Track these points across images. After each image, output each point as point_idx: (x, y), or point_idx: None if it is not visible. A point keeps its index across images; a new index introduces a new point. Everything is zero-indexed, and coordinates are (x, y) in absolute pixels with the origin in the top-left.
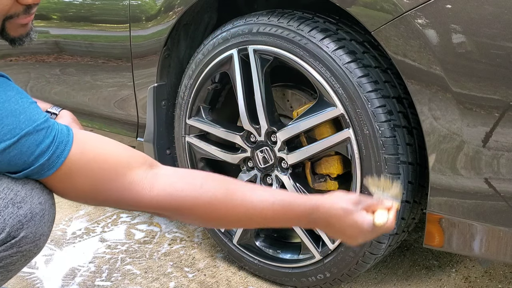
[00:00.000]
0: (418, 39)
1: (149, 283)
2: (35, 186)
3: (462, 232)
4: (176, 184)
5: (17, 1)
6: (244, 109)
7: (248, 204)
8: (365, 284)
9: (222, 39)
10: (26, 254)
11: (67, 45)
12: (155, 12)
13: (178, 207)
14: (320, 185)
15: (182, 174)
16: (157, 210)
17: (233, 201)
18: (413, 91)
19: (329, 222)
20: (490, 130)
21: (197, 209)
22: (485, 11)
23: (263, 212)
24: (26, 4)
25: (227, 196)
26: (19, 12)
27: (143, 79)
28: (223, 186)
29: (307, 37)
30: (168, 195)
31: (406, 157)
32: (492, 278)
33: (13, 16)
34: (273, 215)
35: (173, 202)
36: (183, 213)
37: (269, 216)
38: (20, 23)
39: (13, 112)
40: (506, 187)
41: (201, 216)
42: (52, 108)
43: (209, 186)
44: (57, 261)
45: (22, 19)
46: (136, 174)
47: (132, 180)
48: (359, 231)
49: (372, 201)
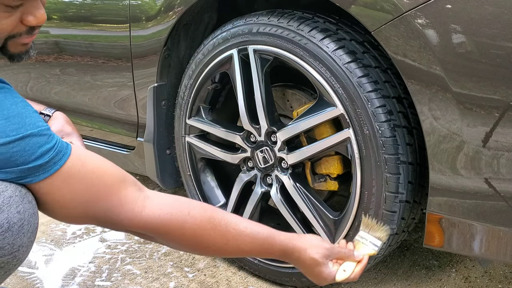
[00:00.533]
0: (418, 39)
1: (149, 283)
2: (15, 194)
3: (462, 232)
4: (165, 208)
5: (21, 22)
6: (244, 109)
7: (229, 236)
8: (365, 284)
9: (222, 39)
10: (5, 267)
11: (67, 45)
12: (155, 12)
13: (165, 231)
14: (320, 185)
15: (170, 200)
16: (143, 231)
17: (217, 231)
18: (413, 91)
19: (299, 265)
20: (490, 130)
21: (182, 234)
22: (485, 11)
23: (243, 244)
24: (30, 25)
25: (212, 225)
26: (22, 32)
27: (143, 79)
28: (208, 214)
29: (307, 37)
30: (157, 217)
31: (406, 157)
32: (492, 278)
33: (15, 35)
34: (251, 249)
35: (161, 225)
36: (167, 236)
37: (247, 249)
38: (22, 42)
39: (20, 114)
40: (506, 187)
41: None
42: (46, 110)
43: (195, 214)
44: (57, 261)
45: (24, 39)
46: (130, 192)
47: (126, 198)
48: (322, 280)
49: (343, 253)
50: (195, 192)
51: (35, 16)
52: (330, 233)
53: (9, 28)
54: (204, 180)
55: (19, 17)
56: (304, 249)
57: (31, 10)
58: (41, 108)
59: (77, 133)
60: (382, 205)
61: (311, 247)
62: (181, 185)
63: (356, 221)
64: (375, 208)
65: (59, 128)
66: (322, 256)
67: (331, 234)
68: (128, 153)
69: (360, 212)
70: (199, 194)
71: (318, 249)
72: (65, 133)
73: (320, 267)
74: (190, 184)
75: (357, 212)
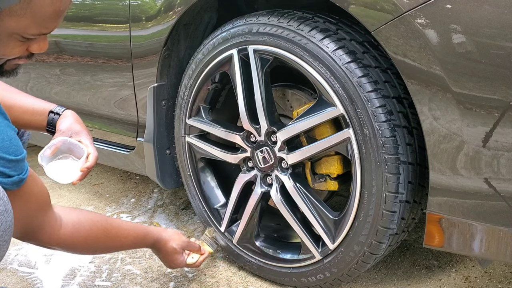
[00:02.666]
0: (418, 39)
1: (149, 283)
2: None
3: (462, 232)
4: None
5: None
6: (244, 109)
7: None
8: (365, 284)
9: (222, 39)
10: None
11: (67, 45)
12: (155, 12)
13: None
14: (320, 185)
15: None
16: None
17: (109, 237)
18: (413, 91)
19: (161, 252)
20: (490, 130)
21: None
22: (485, 11)
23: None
24: (33, 52)
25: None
26: (23, 56)
27: (143, 79)
28: (102, 225)
29: (307, 37)
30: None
31: (406, 157)
32: (492, 278)
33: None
34: (133, 243)
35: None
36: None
37: (130, 243)
38: (19, 63)
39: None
40: (506, 187)
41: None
42: (56, 108)
43: (94, 228)
44: (57, 261)
45: (21, 61)
46: (52, 212)
47: (50, 218)
48: (176, 264)
49: (193, 247)
50: (195, 192)
51: (40, 46)
52: (330, 233)
53: (17, 54)
54: (204, 180)
55: (27, 45)
56: (168, 240)
57: (39, 41)
58: (52, 106)
59: (87, 131)
60: (382, 205)
61: (173, 239)
62: (181, 185)
63: (356, 221)
64: (375, 208)
65: (68, 127)
66: (180, 247)
67: (331, 234)
68: (128, 153)
69: (360, 212)
70: (199, 194)
71: (178, 241)
72: (73, 131)
73: (177, 254)
74: (190, 184)
75: (357, 212)
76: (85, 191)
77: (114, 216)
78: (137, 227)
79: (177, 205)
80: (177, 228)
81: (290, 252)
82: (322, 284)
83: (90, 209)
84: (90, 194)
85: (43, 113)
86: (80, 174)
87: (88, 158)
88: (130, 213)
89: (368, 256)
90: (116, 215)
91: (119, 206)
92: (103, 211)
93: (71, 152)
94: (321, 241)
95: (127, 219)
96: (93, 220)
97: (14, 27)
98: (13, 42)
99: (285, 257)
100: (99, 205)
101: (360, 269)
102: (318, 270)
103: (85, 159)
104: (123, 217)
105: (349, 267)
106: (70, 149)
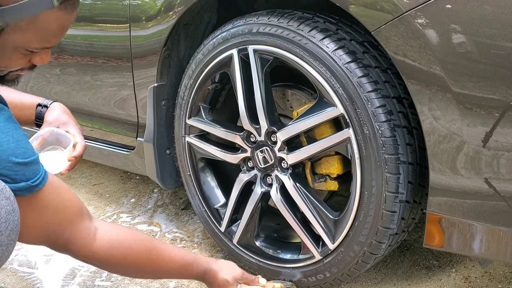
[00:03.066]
0: (418, 39)
1: (149, 283)
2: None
3: (462, 232)
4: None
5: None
6: (244, 109)
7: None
8: (365, 284)
9: (222, 39)
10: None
11: (67, 45)
12: (155, 12)
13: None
14: (320, 185)
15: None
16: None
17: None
18: (413, 91)
19: (212, 284)
20: (490, 130)
21: (122, 266)
22: (485, 11)
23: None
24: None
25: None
26: (25, 67)
27: (143, 79)
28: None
29: (307, 37)
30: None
31: (406, 157)
32: (492, 278)
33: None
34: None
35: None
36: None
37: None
38: (20, 74)
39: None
40: (506, 187)
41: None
42: (44, 101)
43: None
44: (57, 261)
45: (23, 72)
46: (85, 225)
47: (81, 231)
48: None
49: (249, 279)
50: (195, 192)
51: (42, 59)
52: (330, 233)
53: (20, 66)
54: (204, 180)
55: (30, 57)
56: (219, 271)
57: (42, 54)
58: (40, 99)
59: (74, 121)
60: (382, 205)
61: (225, 270)
62: (181, 185)
63: (356, 221)
64: (375, 208)
65: (55, 118)
66: (233, 278)
67: (331, 234)
68: (128, 153)
69: (360, 212)
70: (199, 194)
71: (230, 272)
72: (61, 122)
73: (231, 287)
74: (190, 184)
75: (357, 212)
76: (85, 191)
77: (114, 216)
78: (184, 253)
79: (177, 205)
80: (177, 228)
81: (290, 252)
82: (322, 284)
83: (90, 209)
84: (90, 194)
85: (31, 107)
86: (68, 164)
87: (76, 147)
88: (130, 213)
89: (368, 256)
90: (116, 215)
91: (119, 206)
92: (103, 211)
93: (59, 143)
94: (321, 241)
95: (127, 219)
96: (135, 238)
97: (19, 41)
98: (17, 54)
99: (285, 257)
100: (99, 205)
101: (360, 269)
102: (318, 270)
103: (71, 148)
104: (122, 217)
105: (349, 267)
106: (58, 139)
